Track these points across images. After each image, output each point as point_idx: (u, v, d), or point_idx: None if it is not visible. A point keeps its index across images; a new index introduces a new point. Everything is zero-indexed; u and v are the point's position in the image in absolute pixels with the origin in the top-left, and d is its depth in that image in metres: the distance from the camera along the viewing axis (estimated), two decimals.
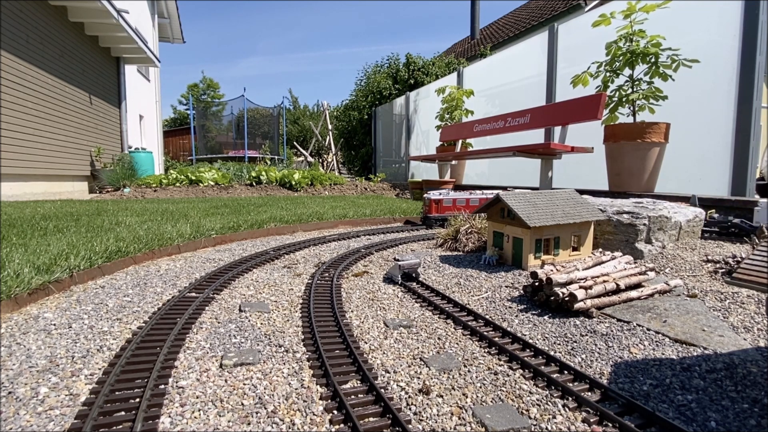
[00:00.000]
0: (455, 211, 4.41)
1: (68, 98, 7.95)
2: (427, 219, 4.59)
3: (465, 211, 4.38)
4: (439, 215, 4.50)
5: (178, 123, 24.47)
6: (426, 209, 4.58)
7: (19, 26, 6.48)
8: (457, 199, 4.54)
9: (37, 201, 6.29)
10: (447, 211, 4.48)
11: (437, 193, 4.58)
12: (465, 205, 4.53)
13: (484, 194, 4.62)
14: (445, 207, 4.53)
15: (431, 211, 4.49)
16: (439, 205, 4.51)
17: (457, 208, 4.50)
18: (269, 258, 3.12)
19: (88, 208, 5.22)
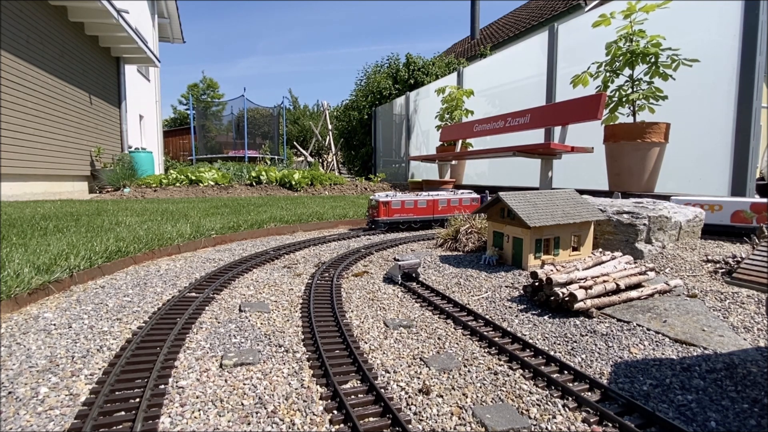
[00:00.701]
0: (404, 215, 4.28)
1: (68, 98, 7.95)
2: (374, 223, 4.29)
3: (411, 214, 4.33)
4: (388, 218, 4.24)
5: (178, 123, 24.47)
6: (373, 212, 4.27)
7: (19, 26, 6.48)
8: (406, 201, 4.32)
9: (37, 201, 6.29)
10: (396, 214, 4.26)
11: (384, 195, 4.31)
12: (413, 207, 4.34)
13: (430, 195, 4.44)
14: (394, 210, 4.28)
15: (379, 215, 4.21)
16: (388, 207, 4.25)
17: (406, 210, 4.31)
18: (269, 258, 3.12)
19: (88, 208, 5.22)
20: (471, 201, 4.61)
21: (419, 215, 4.37)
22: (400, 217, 4.28)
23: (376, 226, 4.28)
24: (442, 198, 4.49)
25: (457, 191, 4.67)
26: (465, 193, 4.67)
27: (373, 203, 4.28)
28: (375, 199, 4.25)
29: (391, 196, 4.28)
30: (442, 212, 4.46)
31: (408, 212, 4.30)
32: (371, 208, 4.31)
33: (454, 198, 4.54)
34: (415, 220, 4.38)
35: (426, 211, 4.39)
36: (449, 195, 4.55)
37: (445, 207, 4.48)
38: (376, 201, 4.23)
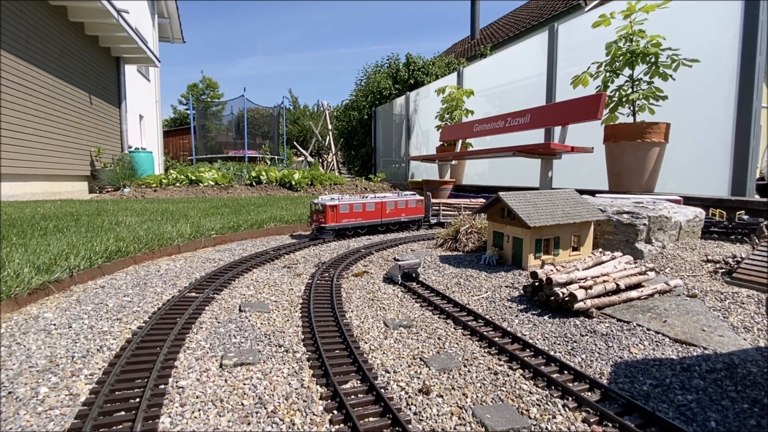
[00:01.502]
0: (353, 220, 3.94)
1: (68, 98, 7.95)
2: (321, 230, 3.86)
3: (360, 219, 3.99)
4: (336, 225, 3.86)
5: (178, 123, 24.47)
6: (319, 218, 3.84)
7: (19, 26, 6.48)
8: (354, 205, 3.94)
9: (37, 201, 6.29)
10: (344, 219, 3.88)
11: (329, 198, 3.91)
12: (362, 211, 3.98)
13: (377, 198, 4.13)
14: (342, 215, 3.87)
15: (326, 221, 3.80)
16: (336, 212, 3.83)
17: (354, 215, 3.94)
18: (269, 258, 3.12)
19: (88, 208, 5.22)
20: (416, 203, 4.38)
21: (367, 219, 4.04)
22: (348, 223, 3.91)
23: (321, 233, 3.85)
24: (390, 200, 4.18)
25: (402, 193, 4.44)
26: (409, 194, 4.43)
27: (319, 208, 3.84)
28: (320, 203, 3.83)
29: (338, 200, 3.88)
30: (390, 215, 4.19)
31: (356, 217, 3.94)
32: (316, 213, 3.86)
33: (401, 200, 4.26)
34: (363, 226, 4.06)
35: (374, 215, 4.09)
36: (395, 197, 4.25)
37: (393, 210, 4.20)
38: (323, 205, 3.80)
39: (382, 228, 4.20)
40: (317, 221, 3.85)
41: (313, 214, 3.90)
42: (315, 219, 3.88)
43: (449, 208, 4.72)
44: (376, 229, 4.18)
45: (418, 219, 4.46)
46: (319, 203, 3.84)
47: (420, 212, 4.43)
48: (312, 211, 3.93)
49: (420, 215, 4.45)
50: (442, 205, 4.70)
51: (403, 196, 4.33)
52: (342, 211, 3.85)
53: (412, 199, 4.36)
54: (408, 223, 4.39)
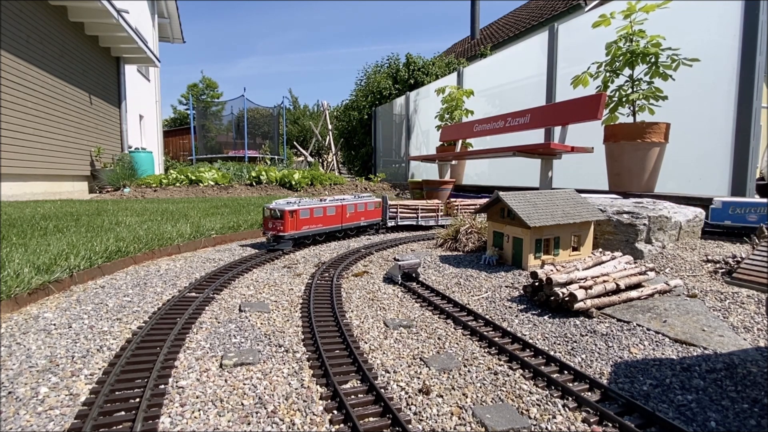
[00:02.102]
0: (313, 226, 3.51)
1: (68, 98, 7.94)
2: (278, 239, 3.33)
3: (320, 225, 3.59)
4: (296, 232, 3.36)
5: (178, 123, 24.46)
6: (277, 225, 3.31)
7: (19, 26, 6.48)
8: (315, 209, 3.50)
9: (37, 201, 6.29)
10: (305, 226, 3.43)
11: (285, 202, 3.41)
12: (322, 216, 3.58)
13: (336, 201, 3.79)
14: (303, 221, 3.39)
15: (286, 228, 3.28)
16: (296, 218, 3.32)
17: (315, 220, 3.52)
18: (269, 258, 3.12)
19: (88, 208, 5.22)
20: (375, 206, 4.11)
21: (328, 225, 3.66)
22: (309, 230, 3.46)
23: (279, 243, 3.34)
24: (349, 203, 3.84)
25: (359, 195, 4.16)
26: (366, 196, 4.12)
27: (276, 214, 3.32)
28: (277, 208, 3.31)
29: (296, 203, 3.40)
30: (350, 220, 3.88)
31: (317, 223, 3.52)
32: (272, 219, 3.34)
33: (360, 203, 3.95)
34: (323, 232, 3.65)
35: (335, 220, 3.73)
36: (354, 199, 3.92)
37: (353, 214, 3.87)
38: (280, 211, 3.28)
39: (341, 234, 3.89)
40: (274, 229, 3.32)
41: (268, 221, 3.37)
42: (271, 227, 3.35)
43: (407, 209, 4.49)
44: (334, 235, 3.86)
45: (376, 223, 4.22)
46: (276, 208, 3.32)
47: (378, 215, 4.20)
48: (266, 218, 3.40)
49: (378, 219, 4.21)
50: (400, 207, 4.45)
51: (361, 198, 4.05)
52: (302, 216, 3.37)
53: (371, 201, 4.08)
54: (366, 228, 4.15)
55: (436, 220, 4.58)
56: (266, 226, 3.40)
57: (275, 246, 3.33)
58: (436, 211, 4.58)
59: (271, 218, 3.34)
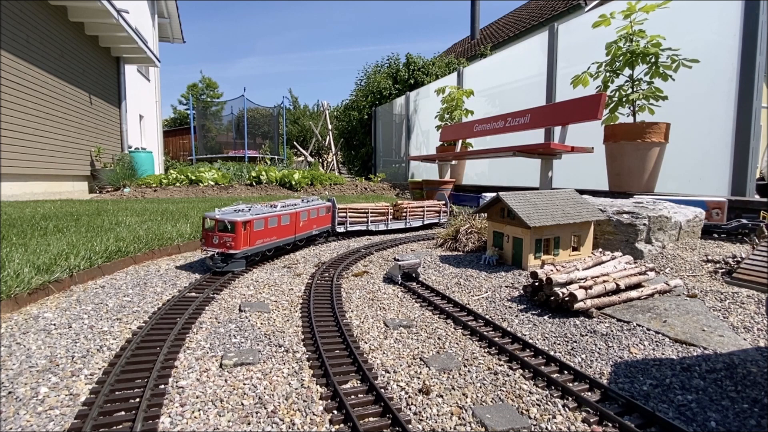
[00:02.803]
0: (268, 239, 2.87)
1: (68, 98, 7.94)
2: (228, 258, 2.61)
3: (275, 237, 2.96)
4: (250, 248, 2.70)
5: (178, 123, 24.46)
6: (225, 241, 2.59)
7: (19, 26, 6.48)
8: (269, 218, 2.87)
9: (37, 201, 6.29)
10: (259, 240, 2.78)
11: (232, 210, 2.77)
12: (277, 226, 2.97)
13: (287, 207, 3.17)
14: (257, 234, 2.75)
15: (238, 245, 2.59)
16: (249, 231, 2.67)
17: (269, 232, 2.89)
18: (269, 258, 3.12)
19: (88, 208, 5.21)
20: (326, 211, 3.70)
21: (282, 237, 3.07)
22: (263, 244, 2.83)
23: (229, 263, 2.61)
24: (302, 210, 3.29)
25: (308, 199, 3.59)
26: (316, 200, 3.61)
27: (225, 226, 2.61)
28: (227, 218, 2.59)
29: (248, 212, 2.77)
30: (303, 229, 3.33)
31: (271, 234, 2.91)
32: (218, 233, 2.60)
33: (312, 209, 3.46)
34: (276, 246, 3.03)
35: (288, 230, 3.14)
36: (306, 205, 3.39)
37: (306, 222, 3.35)
38: (231, 222, 2.58)
39: (290, 247, 3.29)
40: (221, 245, 2.58)
41: (211, 235, 2.62)
42: (217, 242, 2.59)
43: (357, 214, 4.09)
44: (284, 249, 3.25)
45: (326, 230, 3.80)
46: (225, 219, 2.59)
47: (328, 222, 3.79)
48: (207, 231, 2.64)
49: (328, 226, 3.79)
50: (350, 212, 4.04)
51: (312, 203, 3.51)
52: (256, 228, 2.73)
53: (321, 206, 3.62)
54: (316, 237, 3.68)
55: (385, 223, 4.26)
56: (209, 241, 2.61)
57: (224, 267, 2.59)
58: (386, 215, 4.27)
59: (217, 232, 2.60)
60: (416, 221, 4.50)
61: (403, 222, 4.38)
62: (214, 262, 2.60)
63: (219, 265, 2.59)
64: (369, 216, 4.14)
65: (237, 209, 2.80)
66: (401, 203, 4.46)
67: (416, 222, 4.50)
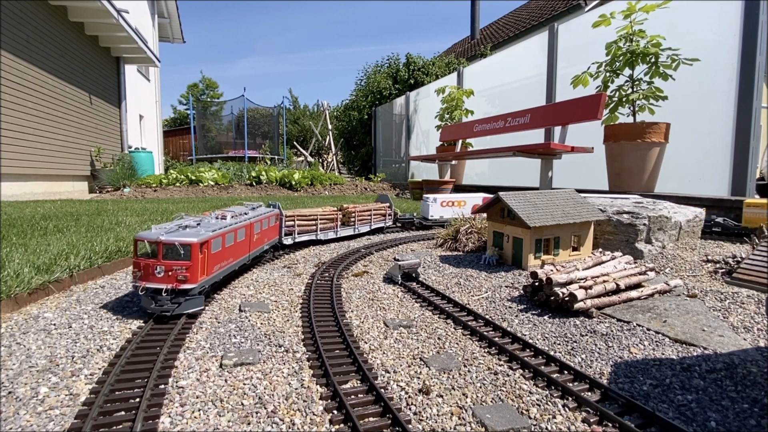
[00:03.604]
0: (225, 262, 2.16)
1: (68, 98, 7.94)
2: (178, 294, 1.85)
3: (231, 259, 2.23)
4: (208, 279, 1.99)
5: (178, 123, 24.46)
6: (170, 271, 1.82)
7: (19, 26, 6.48)
8: (227, 235, 2.16)
9: (37, 201, 6.29)
10: (217, 264, 2.07)
11: (175, 227, 2.01)
12: (233, 245, 2.25)
13: (241, 217, 2.42)
14: (215, 256, 2.04)
15: (193, 275, 1.85)
16: (207, 255, 1.95)
17: (227, 252, 2.18)
18: (269, 258, 3.12)
19: (88, 208, 5.21)
20: (275, 220, 3.08)
21: (238, 257, 2.38)
22: (221, 270, 2.13)
23: (182, 302, 1.85)
24: (256, 220, 2.63)
25: (253, 205, 2.94)
26: (261, 207, 2.95)
27: (172, 251, 1.82)
28: (178, 240, 1.82)
29: (198, 226, 2.06)
30: (257, 244, 2.69)
31: (228, 256, 2.20)
32: (163, 262, 1.81)
33: (264, 218, 2.79)
34: (232, 270, 2.33)
35: (243, 248, 2.45)
36: (257, 215, 2.68)
37: (260, 234, 2.73)
38: (185, 244, 1.82)
39: (238, 269, 2.53)
40: (168, 278, 1.81)
41: (150, 265, 1.82)
42: (164, 275, 1.81)
43: (306, 221, 3.53)
44: (234, 273, 2.57)
45: (275, 243, 3.17)
46: (173, 240, 1.81)
47: (276, 233, 3.15)
48: (142, 258, 1.84)
49: (276, 238, 3.16)
50: (297, 219, 3.45)
51: (261, 211, 2.83)
52: (214, 250, 2.02)
53: (271, 215, 2.96)
54: (266, 252, 3.02)
55: (335, 231, 3.80)
56: (148, 274, 1.80)
57: (174, 310, 1.81)
58: (335, 221, 3.80)
59: (162, 259, 1.80)
60: (364, 226, 4.08)
61: (351, 228, 3.97)
62: (159, 304, 1.78)
63: (167, 307, 1.76)
64: (318, 223, 3.61)
65: (182, 225, 2.04)
66: (349, 207, 4.01)
67: (364, 227, 4.08)
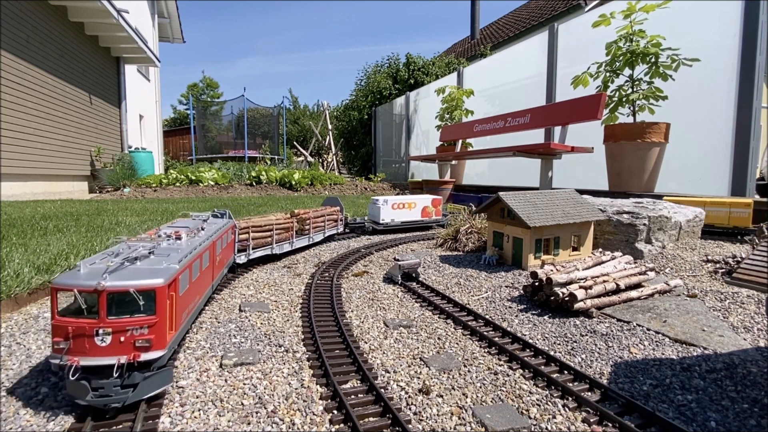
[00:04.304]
0: (191, 300, 1.58)
1: (68, 98, 7.94)
2: (144, 372, 1.17)
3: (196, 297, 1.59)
4: (176, 336, 1.35)
5: (178, 123, 24.46)
6: (130, 336, 1.14)
7: (19, 26, 6.48)
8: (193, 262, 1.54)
9: (37, 201, 6.29)
10: (185, 309, 1.49)
11: (118, 261, 1.24)
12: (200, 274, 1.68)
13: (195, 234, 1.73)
14: (184, 300, 1.44)
15: (162, 336, 1.20)
16: (174, 299, 1.31)
17: (193, 289, 1.59)
18: (269, 258, 3.11)
19: (88, 208, 5.21)
20: (232, 233, 2.48)
21: (203, 291, 1.82)
22: (188, 315, 1.56)
23: (140, 380, 1.16)
24: (216, 237, 1.98)
25: (202, 216, 2.25)
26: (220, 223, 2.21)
27: (128, 303, 1.16)
28: (127, 284, 1.15)
29: (160, 253, 1.41)
30: (219, 267, 2.12)
31: (194, 293, 1.63)
32: (106, 323, 1.13)
33: (223, 233, 2.15)
34: (198, 311, 1.78)
35: (206, 279, 1.85)
36: (215, 229, 2.00)
37: (221, 254, 2.15)
38: (146, 291, 1.17)
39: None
40: (118, 349, 1.15)
41: (82, 328, 1.13)
42: (110, 343, 1.14)
43: (261, 232, 2.91)
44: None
45: (231, 264, 2.56)
46: (128, 287, 1.15)
47: (232, 250, 2.56)
48: (67, 318, 1.14)
49: (233, 256, 2.58)
50: (252, 231, 2.81)
51: (220, 225, 2.15)
52: (182, 290, 1.43)
53: (228, 228, 2.33)
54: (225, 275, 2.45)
55: (290, 242, 3.21)
56: (81, 345, 1.13)
57: (126, 398, 1.15)
58: (290, 230, 3.21)
59: (106, 318, 1.14)
60: (318, 234, 3.59)
61: (306, 237, 3.44)
62: (101, 393, 1.13)
63: (116, 397, 1.14)
64: (274, 234, 3.00)
65: (128, 255, 1.32)
66: (302, 213, 3.42)
67: (318, 235, 3.59)
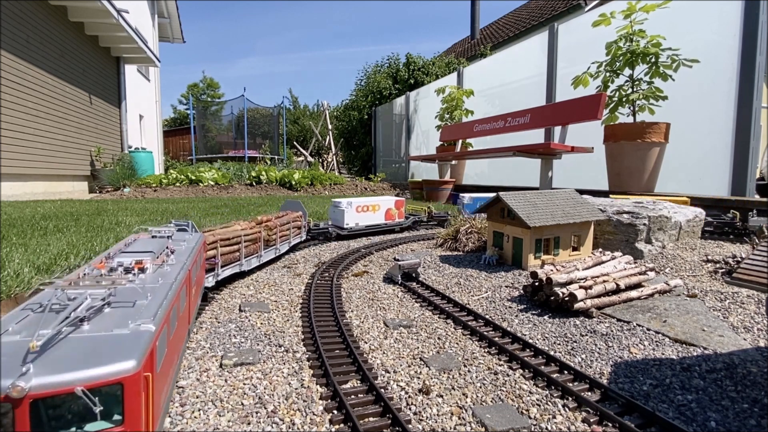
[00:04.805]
0: (173, 364, 1.11)
1: (68, 98, 7.94)
2: None
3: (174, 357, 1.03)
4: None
5: (178, 123, 24.46)
6: None
7: (19, 26, 6.48)
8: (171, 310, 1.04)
9: (37, 201, 6.29)
10: (165, 385, 0.99)
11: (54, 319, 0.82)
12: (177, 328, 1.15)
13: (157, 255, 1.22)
14: (163, 373, 0.95)
15: None
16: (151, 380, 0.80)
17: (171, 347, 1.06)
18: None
19: (88, 208, 5.21)
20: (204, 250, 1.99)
21: (182, 342, 1.33)
22: (167, 388, 1.04)
23: None
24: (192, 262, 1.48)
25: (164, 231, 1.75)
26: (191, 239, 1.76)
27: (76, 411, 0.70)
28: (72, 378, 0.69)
29: (120, 297, 1.03)
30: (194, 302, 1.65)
31: (173, 351, 1.11)
32: None
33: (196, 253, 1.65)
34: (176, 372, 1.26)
35: (183, 324, 1.32)
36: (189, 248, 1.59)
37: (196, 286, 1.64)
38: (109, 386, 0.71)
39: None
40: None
41: None
42: None
43: (229, 245, 2.42)
44: None
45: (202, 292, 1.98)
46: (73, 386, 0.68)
47: (204, 272, 2.05)
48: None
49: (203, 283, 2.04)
50: (220, 245, 2.30)
51: (193, 243, 1.72)
52: (160, 359, 0.92)
53: (199, 243, 1.81)
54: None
55: (258, 256, 2.74)
56: None
57: None
58: (258, 242, 2.74)
59: None
60: (284, 244, 3.16)
61: (273, 249, 2.98)
62: None
63: None
64: (242, 248, 2.53)
65: (64, 318, 0.88)
66: (267, 220, 3.02)
67: (284, 246, 3.16)
